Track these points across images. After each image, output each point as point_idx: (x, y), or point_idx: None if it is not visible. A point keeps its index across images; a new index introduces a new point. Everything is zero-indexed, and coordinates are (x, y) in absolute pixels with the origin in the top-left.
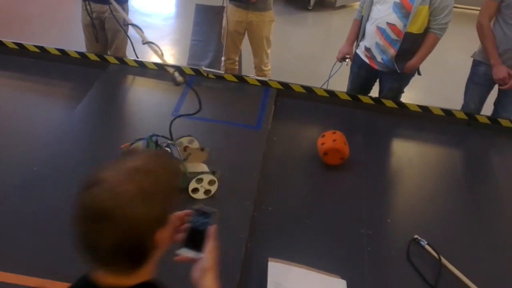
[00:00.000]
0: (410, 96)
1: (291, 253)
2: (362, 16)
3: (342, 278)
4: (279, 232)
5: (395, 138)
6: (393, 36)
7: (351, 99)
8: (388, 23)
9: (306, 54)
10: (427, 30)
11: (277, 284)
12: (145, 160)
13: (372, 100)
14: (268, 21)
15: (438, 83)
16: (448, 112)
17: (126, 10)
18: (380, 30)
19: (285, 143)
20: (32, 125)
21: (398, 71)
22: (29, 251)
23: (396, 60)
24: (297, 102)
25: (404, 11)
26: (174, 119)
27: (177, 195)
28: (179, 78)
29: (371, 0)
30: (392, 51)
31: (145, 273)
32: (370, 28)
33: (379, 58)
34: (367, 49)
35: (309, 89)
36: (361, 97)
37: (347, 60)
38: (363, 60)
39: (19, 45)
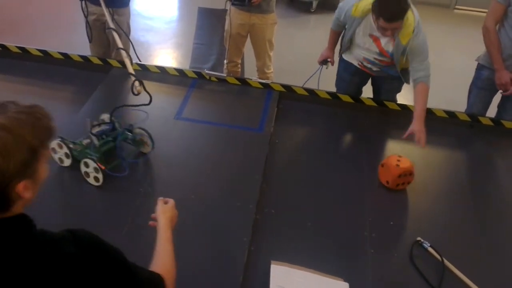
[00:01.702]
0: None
1: (294, 256)
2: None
3: (345, 280)
4: (282, 235)
5: (398, 140)
6: (383, 64)
7: (353, 101)
8: (375, 58)
9: (309, 57)
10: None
11: (280, 287)
12: (10, 118)
13: (375, 103)
14: (270, 24)
15: (442, 85)
16: (451, 114)
17: (128, 13)
18: (368, 60)
19: (288, 145)
20: None
21: (408, 83)
22: None
23: (402, 73)
24: (300, 104)
25: (385, 57)
26: (117, 108)
27: (46, 148)
28: (137, 88)
29: (350, 37)
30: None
31: (14, 212)
32: (356, 52)
33: (374, 69)
34: (358, 58)
35: (311, 92)
36: (363, 99)
37: (328, 63)
38: (356, 67)
39: (22, 49)
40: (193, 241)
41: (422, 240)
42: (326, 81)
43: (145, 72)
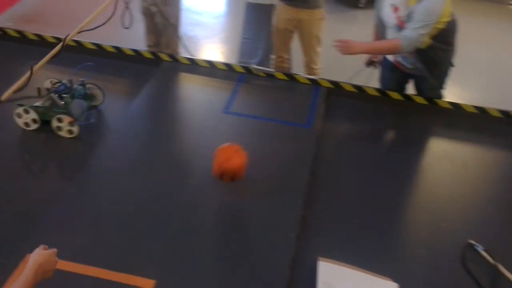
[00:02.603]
0: (465, 96)
1: (342, 254)
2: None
3: (394, 281)
4: (330, 232)
5: (449, 139)
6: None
7: (403, 99)
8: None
9: None
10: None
11: (328, 284)
12: None
13: (426, 100)
14: (318, 19)
15: (496, 83)
16: (505, 114)
17: (178, 7)
18: None
19: (336, 142)
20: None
21: (428, 77)
22: (86, 240)
23: (424, 67)
24: (348, 101)
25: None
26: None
27: None
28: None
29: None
30: (413, 59)
31: None
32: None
33: (405, 63)
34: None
35: (360, 88)
36: (414, 96)
37: (375, 64)
38: (393, 64)
39: (77, 42)
40: (240, 235)
41: (474, 243)
42: (375, 78)
43: (194, 66)
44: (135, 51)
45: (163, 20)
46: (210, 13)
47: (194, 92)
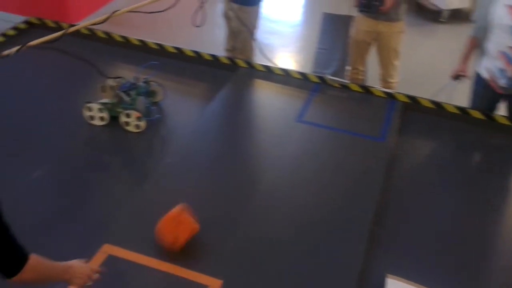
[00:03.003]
0: None
1: (411, 272)
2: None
3: None
4: (399, 249)
5: None
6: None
7: (485, 118)
8: (510, 47)
9: (436, 69)
10: None
11: None
12: None
13: (510, 121)
14: (397, 32)
15: None
16: None
17: (255, 13)
18: (502, 53)
19: (411, 158)
20: (166, 120)
21: None
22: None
23: None
24: (425, 117)
25: None
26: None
27: None
28: None
29: (485, 21)
30: None
31: None
32: (491, 49)
33: (501, 82)
34: (489, 70)
35: (438, 104)
36: (496, 116)
37: (461, 78)
38: (487, 81)
39: (160, 45)
40: (308, 243)
41: None
42: (456, 96)
43: (269, 73)
44: (213, 56)
45: (238, 25)
46: (287, 22)
47: (268, 99)
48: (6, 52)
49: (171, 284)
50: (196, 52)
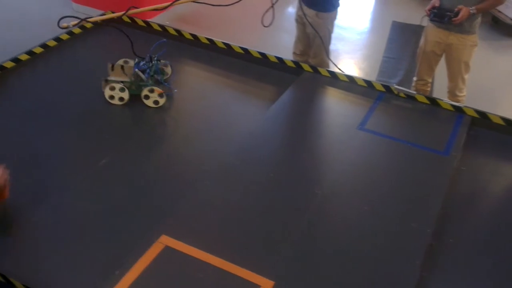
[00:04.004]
0: None
1: None
2: None
3: None
4: (458, 267)
5: None
6: None
7: None
8: None
9: (508, 85)
10: None
11: None
12: None
13: None
14: (470, 45)
15: None
16: None
17: (330, 20)
18: None
19: (476, 175)
20: (229, 118)
21: None
22: (215, 230)
23: None
24: (494, 134)
25: None
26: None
27: None
28: None
29: None
30: None
31: None
32: None
33: None
34: None
35: (510, 122)
36: None
37: None
38: None
39: (227, 45)
40: (363, 252)
41: None
42: None
43: (333, 79)
44: (279, 58)
45: (313, 30)
46: (354, 29)
47: (330, 105)
48: (65, 25)
49: (223, 280)
50: (262, 53)
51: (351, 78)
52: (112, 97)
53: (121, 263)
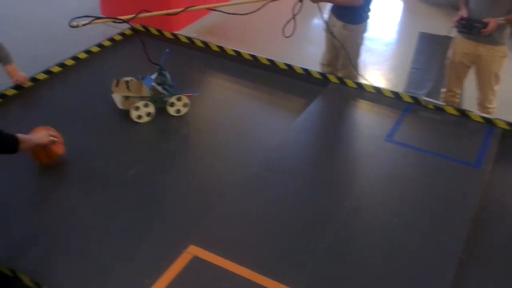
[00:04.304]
0: None
1: None
2: None
3: None
4: (490, 282)
5: None
6: None
7: None
8: None
9: None
10: None
11: None
12: None
13: None
14: (499, 57)
15: None
16: None
17: (359, 32)
18: None
19: (507, 188)
20: (255, 130)
21: None
22: (242, 241)
23: None
24: None
25: None
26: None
27: None
28: None
29: None
30: None
31: None
32: None
33: None
34: None
35: None
36: None
37: None
38: None
39: (254, 56)
40: (392, 266)
41: None
42: None
43: (360, 90)
44: (305, 70)
45: (340, 42)
46: (381, 40)
47: (357, 116)
48: (75, 23)
49: None
50: (288, 65)
51: (378, 90)
52: (139, 116)
53: (150, 272)
